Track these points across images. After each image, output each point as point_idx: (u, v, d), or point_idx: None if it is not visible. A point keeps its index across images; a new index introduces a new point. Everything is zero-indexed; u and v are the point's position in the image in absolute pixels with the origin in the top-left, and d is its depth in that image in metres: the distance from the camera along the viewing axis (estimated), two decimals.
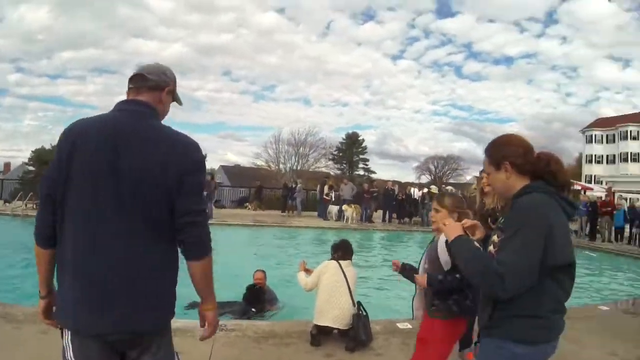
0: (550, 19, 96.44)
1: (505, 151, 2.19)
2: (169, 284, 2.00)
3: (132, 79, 2.06)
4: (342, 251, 5.24)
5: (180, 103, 2.28)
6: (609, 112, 69.31)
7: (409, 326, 5.54)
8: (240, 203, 25.99)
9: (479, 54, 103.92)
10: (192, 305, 6.81)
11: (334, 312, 4.81)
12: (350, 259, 5.27)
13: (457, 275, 3.03)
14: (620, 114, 61.16)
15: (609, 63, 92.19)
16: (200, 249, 1.95)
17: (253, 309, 6.62)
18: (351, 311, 4.87)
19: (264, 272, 7.22)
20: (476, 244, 2.25)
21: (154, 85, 2.05)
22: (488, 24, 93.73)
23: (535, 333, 2.05)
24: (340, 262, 5.10)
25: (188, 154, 1.94)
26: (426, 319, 3.39)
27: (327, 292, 4.91)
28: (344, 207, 20.81)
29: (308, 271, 5.31)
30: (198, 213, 1.94)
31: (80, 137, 1.87)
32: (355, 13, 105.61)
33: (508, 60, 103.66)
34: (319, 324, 4.86)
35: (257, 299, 6.81)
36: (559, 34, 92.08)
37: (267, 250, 13.16)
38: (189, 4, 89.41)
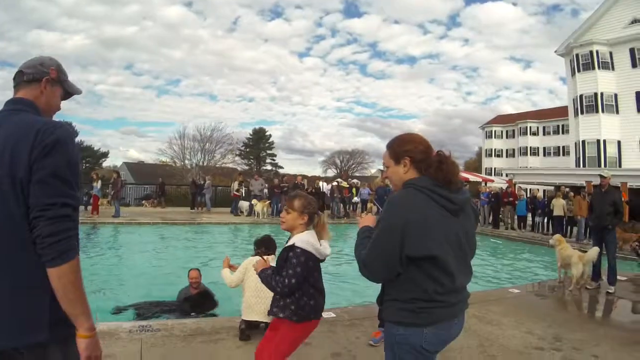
0: (454, 22, 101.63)
1: (407, 147, 2.36)
2: (32, 296, 1.64)
3: (13, 78, 1.95)
4: (265, 246, 5.22)
5: (75, 91, 2.10)
6: (509, 109, 74.36)
7: (333, 315, 5.72)
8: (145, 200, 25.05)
9: (383, 53, 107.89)
10: (119, 310, 6.66)
11: (262, 307, 4.76)
12: (274, 253, 5.22)
13: (286, 281, 2.95)
14: (521, 111, 66.14)
15: (510, 64, 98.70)
16: (52, 253, 1.57)
17: (193, 313, 6.37)
18: None
19: (198, 270, 6.97)
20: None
21: (30, 79, 1.90)
22: (393, 25, 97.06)
23: (404, 315, 2.24)
24: (264, 257, 4.97)
25: (38, 137, 1.64)
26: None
27: (253, 288, 4.85)
28: (254, 202, 20.77)
29: (232, 267, 5.22)
30: (49, 206, 1.59)
31: None
32: (263, 9, 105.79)
33: (411, 60, 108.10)
34: (248, 319, 4.85)
35: (202, 305, 6.60)
36: (461, 36, 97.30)
37: (181, 248, 12.84)
38: None
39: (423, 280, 2.19)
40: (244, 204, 21.36)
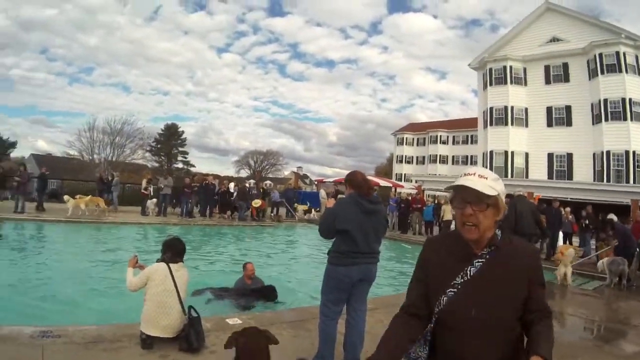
0: (375, 29, 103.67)
1: (347, 177, 4.66)
2: None
3: None
4: (171, 252, 4.96)
5: None
6: (422, 117, 77.06)
7: (239, 321, 5.72)
8: (52, 196, 23.65)
9: (303, 55, 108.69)
10: (198, 292, 7.39)
11: (163, 323, 4.64)
12: (182, 259, 5.02)
13: None
14: (433, 120, 69.27)
15: (426, 74, 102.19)
16: None
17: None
18: (182, 320, 4.75)
19: (252, 263, 8.10)
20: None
21: None
22: (315, 27, 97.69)
23: (335, 260, 4.40)
24: (171, 265, 4.84)
25: None
26: None
27: (155, 302, 4.69)
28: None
29: (142, 267, 5.03)
30: None
31: None
32: (186, 0, 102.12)
33: (330, 64, 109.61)
34: (148, 333, 4.65)
35: (266, 296, 7.58)
36: (381, 43, 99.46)
37: (86, 249, 12.33)
38: None
39: (341, 242, 4.36)
40: (151, 203, 20.85)
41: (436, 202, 21.95)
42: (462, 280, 1.89)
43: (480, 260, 1.90)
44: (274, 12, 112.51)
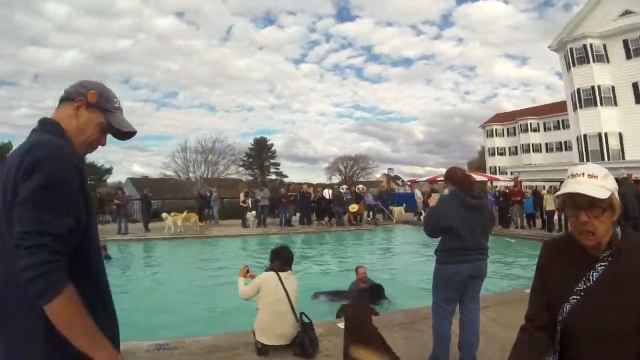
0: (446, 22, 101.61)
1: (447, 174, 4.56)
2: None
3: None
4: (280, 261, 4.97)
5: (122, 127, 1.86)
6: (508, 106, 74.22)
7: None
8: (154, 215, 24.71)
9: (378, 56, 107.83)
10: (317, 294, 7.74)
11: (277, 331, 4.66)
12: (290, 268, 5.03)
13: None
14: (519, 108, 65.88)
15: (505, 61, 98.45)
16: (33, 290, 1.37)
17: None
18: (295, 327, 4.74)
19: (365, 267, 8.13)
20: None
21: (64, 97, 1.76)
22: (386, 27, 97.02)
23: (443, 258, 4.26)
24: (280, 273, 4.84)
25: (23, 157, 1.48)
26: None
27: (269, 311, 4.69)
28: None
29: (252, 276, 5.04)
30: (25, 235, 1.39)
31: None
32: (255, 17, 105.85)
33: (407, 62, 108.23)
34: (263, 342, 4.66)
35: (377, 297, 7.58)
36: (455, 35, 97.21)
37: (194, 262, 12.78)
38: (85, 8, 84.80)
39: (447, 239, 4.25)
40: (250, 215, 21.35)
41: (535, 192, 20.77)
42: (584, 287, 1.74)
43: (602, 264, 1.73)
44: (343, 17, 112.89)
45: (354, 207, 22.41)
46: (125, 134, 1.90)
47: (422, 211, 22.50)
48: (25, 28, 72.18)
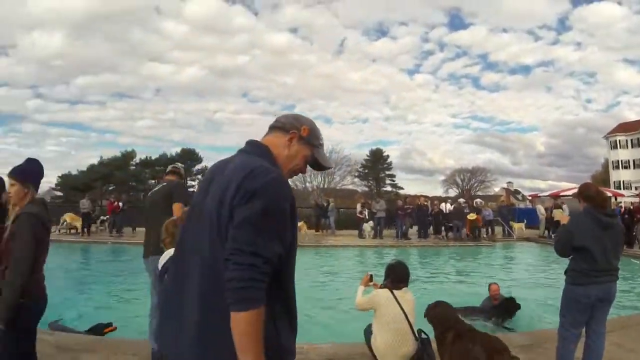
0: (563, 25, 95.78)
1: (580, 190, 4.36)
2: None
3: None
4: (393, 277, 4.67)
5: (324, 163, 2.06)
6: (631, 115, 68.19)
7: None
8: None
9: (495, 64, 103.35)
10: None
11: (401, 351, 4.37)
12: (406, 285, 4.70)
13: None
14: None
15: (625, 67, 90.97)
16: (232, 297, 1.50)
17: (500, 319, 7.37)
18: (415, 344, 4.43)
19: (497, 284, 7.98)
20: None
21: (278, 126, 1.95)
22: (501, 34, 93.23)
23: (572, 279, 4.14)
24: (395, 292, 4.52)
25: (242, 181, 1.62)
26: None
27: (389, 332, 4.40)
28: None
29: (376, 285, 4.82)
30: (238, 252, 1.52)
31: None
32: (367, 29, 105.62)
33: (525, 69, 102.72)
34: None
35: (508, 312, 7.42)
36: (573, 40, 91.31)
37: (315, 270, 12.77)
38: (202, 27, 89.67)
39: (579, 260, 4.08)
40: (367, 226, 21.33)
41: None
42: None
43: None
44: (455, 25, 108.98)
45: (472, 216, 21.66)
46: (323, 167, 2.11)
47: (546, 228, 21.34)
48: (145, 45, 77.53)
